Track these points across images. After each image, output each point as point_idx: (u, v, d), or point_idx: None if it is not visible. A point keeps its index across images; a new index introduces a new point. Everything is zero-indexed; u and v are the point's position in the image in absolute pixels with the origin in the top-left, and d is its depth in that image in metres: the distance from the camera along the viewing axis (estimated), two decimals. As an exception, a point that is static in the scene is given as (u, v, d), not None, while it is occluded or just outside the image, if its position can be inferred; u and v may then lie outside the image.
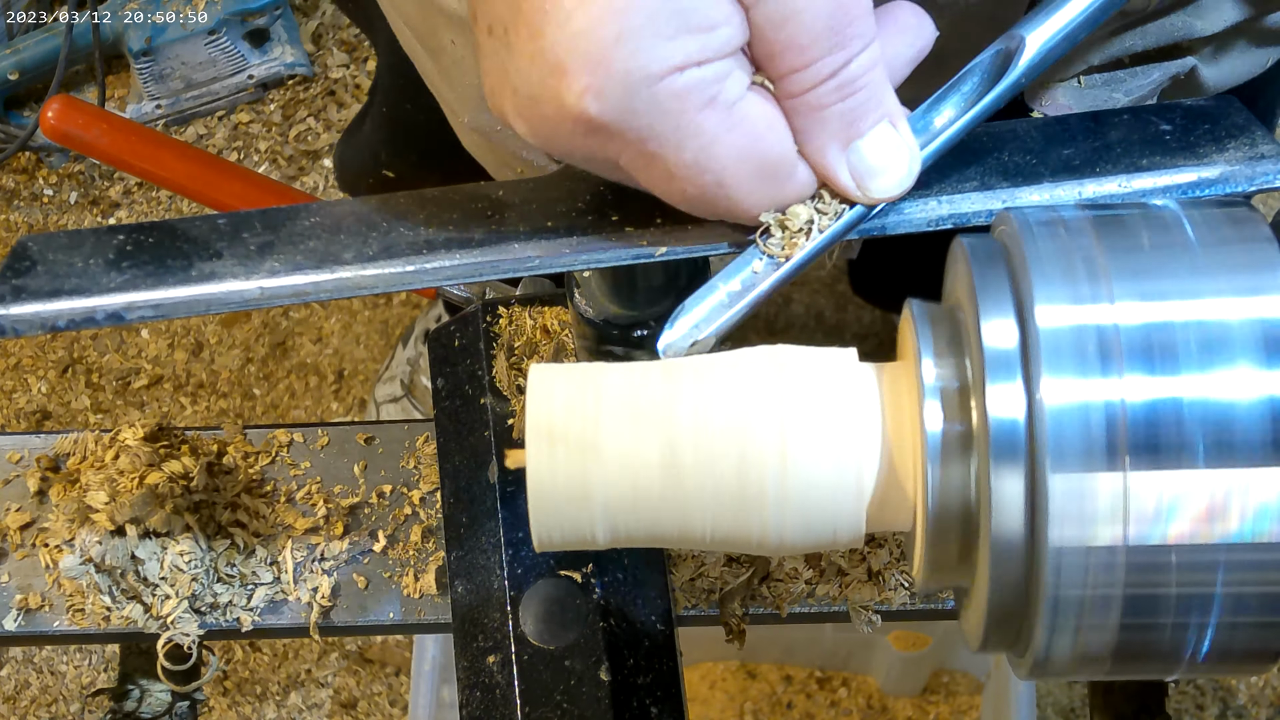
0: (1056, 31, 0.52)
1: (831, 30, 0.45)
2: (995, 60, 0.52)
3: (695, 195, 0.48)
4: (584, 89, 0.43)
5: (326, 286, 0.53)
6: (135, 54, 1.85)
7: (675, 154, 0.46)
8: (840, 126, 0.48)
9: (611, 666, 0.62)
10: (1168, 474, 0.40)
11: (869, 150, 0.49)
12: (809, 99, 0.47)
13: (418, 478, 0.74)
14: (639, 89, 0.44)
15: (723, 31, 0.44)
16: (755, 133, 0.47)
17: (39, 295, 0.53)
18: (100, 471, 0.71)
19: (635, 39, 0.43)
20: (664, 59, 0.43)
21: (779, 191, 0.49)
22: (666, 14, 0.43)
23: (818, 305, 1.76)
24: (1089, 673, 0.43)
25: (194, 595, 0.69)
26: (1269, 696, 1.52)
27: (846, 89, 0.47)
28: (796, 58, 0.46)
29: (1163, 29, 0.68)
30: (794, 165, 0.48)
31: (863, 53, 0.46)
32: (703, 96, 0.45)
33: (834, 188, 0.49)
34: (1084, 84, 0.68)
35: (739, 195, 0.48)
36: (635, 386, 0.47)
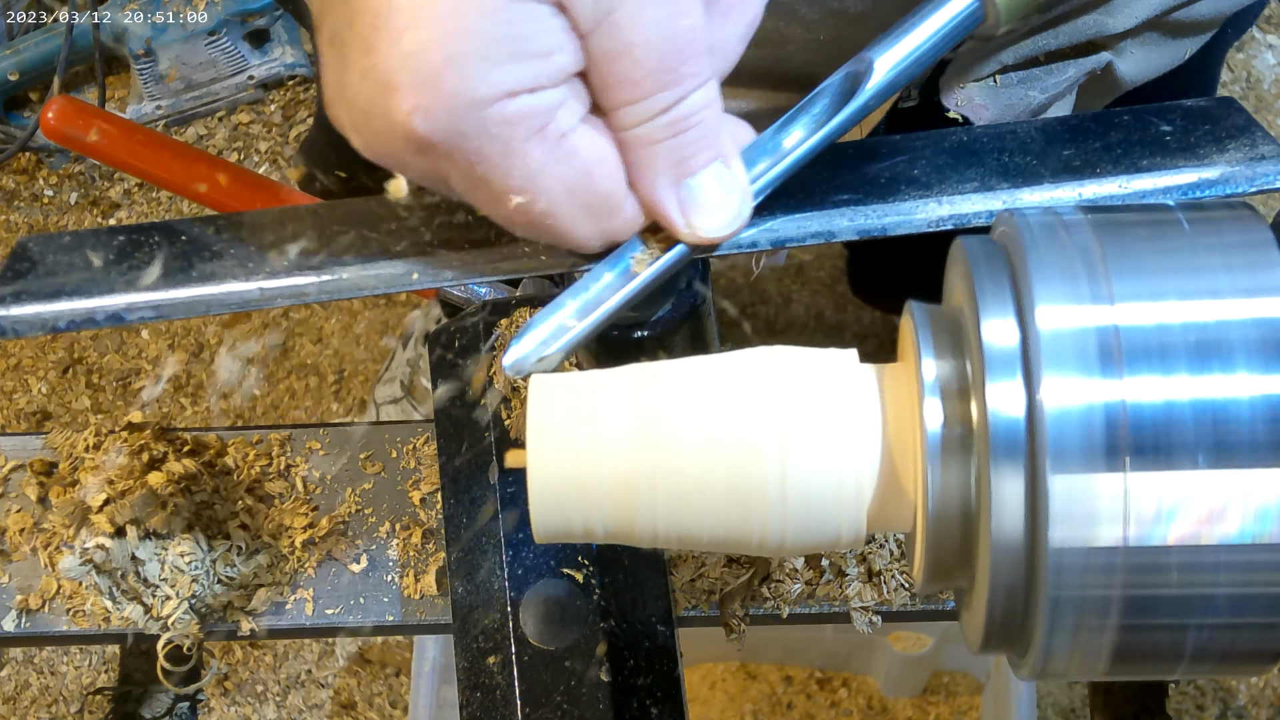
0: (905, 55, 0.52)
1: (664, 67, 0.45)
2: (844, 83, 0.52)
3: (523, 222, 0.47)
4: (413, 108, 0.43)
5: (327, 287, 0.53)
6: (135, 54, 1.86)
7: (502, 180, 0.45)
8: (671, 163, 0.47)
9: (611, 667, 0.62)
10: (1168, 475, 0.40)
11: (700, 189, 0.48)
12: (640, 133, 0.46)
13: (418, 478, 0.74)
14: (467, 112, 0.43)
15: (556, 59, 0.44)
16: (584, 167, 0.46)
17: (39, 296, 0.53)
18: (100, 472, 0.71)
19: (465, 62, 0.42)
20: (494, 84, 0.43)
21: (609, 225, 0.49)
22: (499, 39, 0.42)
23: (818, 305, 1.76)
24: (1089, 673, 0.43)
25: (194, 596, 0.69)
26: (1269, 697, 1.52)
27: (678, 126, 0.46)
28: (629, 91, 0.45)
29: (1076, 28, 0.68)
30: (623, 200, 0.48)
31: (696, 90, 0.46)
32: (532, 125, 0.44)
33: (662, 223, 0.49)
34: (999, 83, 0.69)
35: (566, 226, 0.48)
36: (635, 388, 0.47)
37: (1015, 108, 0.69)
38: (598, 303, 0.50)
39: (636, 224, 0.49)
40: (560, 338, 0.49)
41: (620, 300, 0.50)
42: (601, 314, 0.50)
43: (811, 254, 1.80)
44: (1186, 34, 0.74)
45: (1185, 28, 0.73)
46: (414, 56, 0.42)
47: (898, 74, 0.52)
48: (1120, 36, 0.70)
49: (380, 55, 0.42)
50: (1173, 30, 0.73)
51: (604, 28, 0.43)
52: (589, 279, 0.50)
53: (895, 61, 0.52)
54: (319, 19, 0.46)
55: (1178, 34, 0.73)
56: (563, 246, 0.49)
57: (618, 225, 0.49)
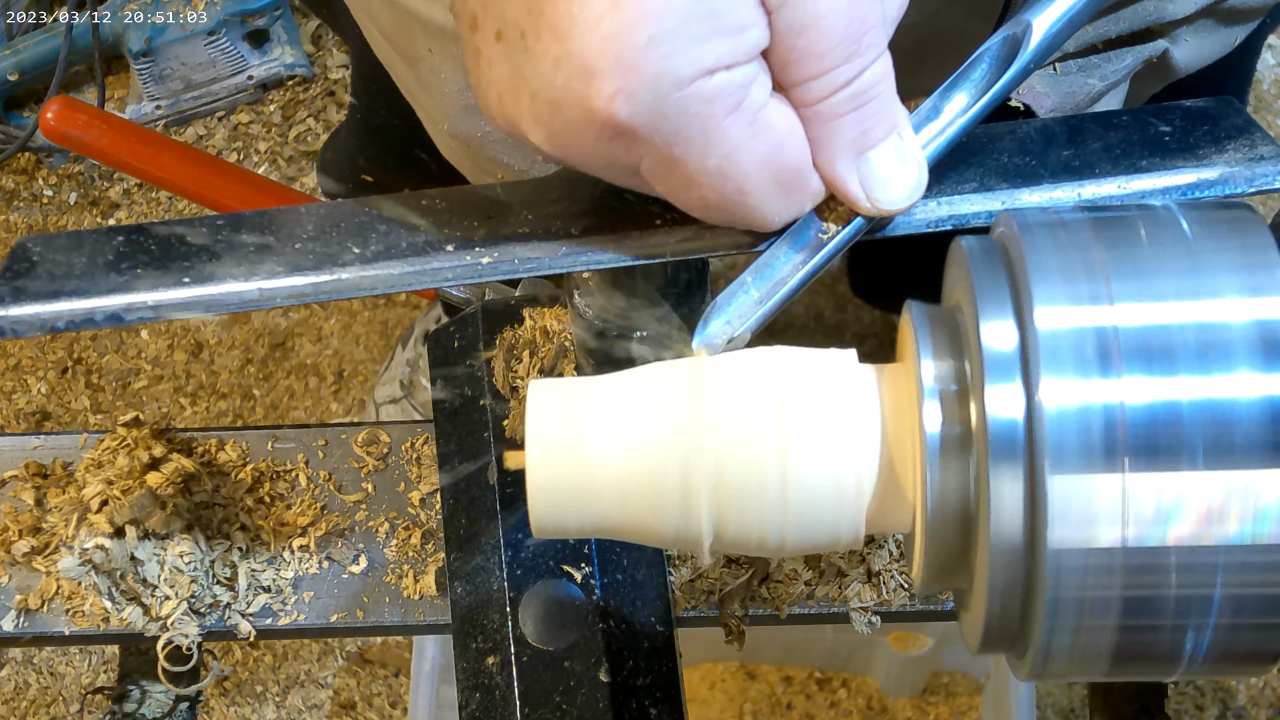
0: (1061, 14, 0.52)
1: (849, 39, 0.45)
2: (1004, 46, 0.52)
3: (714, 202, 0.47)
4: (614, 92, 0.43)
5: (326, 288, 0.53)
6: (135, 54, 1.85)
7: (700, 160, 0.45)
8: (853, 137, 0.48)
9: (611, 668, 0.62)
10: (1167, 475, 0.40)
11: (879, 161, 0.49)
12: (823, 108, 0.47)
13: (417, 479, 0.74)
14: (669, 92, 0.43)
15: (750, 34, 0.44)
16: (777, 140, 0.46)
17: (38, 296, 0.53)
18: (99, 473, 0.71)
19: (668, 41, 0.42)
20: (696, 61, 0.43)
21: (796, 200, 0.49)
22: (699, 16, 0.42)
23: (818, 305, 1.76)
24: (1088, 674, 0.43)
25: (193, 596, 0.69)
26: (1269, 697, 1.52)
27: (860, 99, 0.47)
28: (814, 65, 0.45)
29: (1136, 14, 0.68)
30: (811, 174, 0.48)
31: (876, 62, 0.46)
32: (730, 101, 0.44)
33: (844, 198, 0.49)
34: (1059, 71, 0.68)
35: (757, 203, 0.48)
36: (634, 389, 0.47)
37: (1075, 95, 0.69)
38: (782, 281, 0.50)
39: (819, 198, 0.49)
40: (748, 317, 0.50)
41: (802, 277, 0.50)
42: (785, 291, 0.50)
43: (811, 254, 1.80)
44: (1239, 21, 0.74)
45: (1238, 14, 0.73)
46: (615, 39, 0.42)
47: (1055, 33, 0.52)
48: (1178, 23, 0.70)
49: (577, 41, 0.42)
50: (1226, 17, 0.73)
51: (791, 2, 0.44)
52: (770, 257, 0.50)
53: (1052, 21, 0.52)
54: (476, 17, 0.46)
55: (1231, 20, 0.74)
56: (747, 226, 0.49)
57: (804, 200, 0.49)
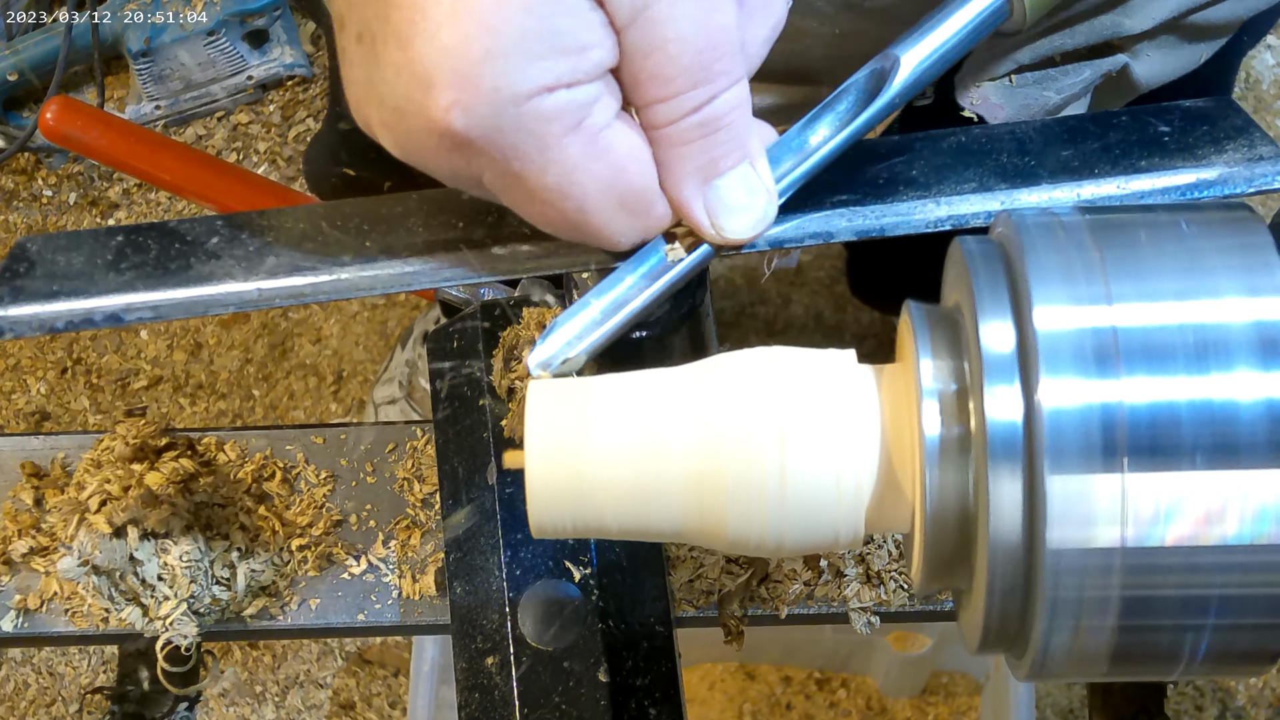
0: (931, 52, 0.52)
1: (699, 65, 0.45)
2: (870, 80, 0.52)
3: (556, 219, 0.47)
4: (450, 104, 0.42)
5: (325, 288, 0.53)
6: (134, 55, 1.86)
7: (538, 177, 0.45)
8: (700, 164, 0.47)
9: (610, 668, 0.62)
10: (1166, 476, 0.40)
11: (727, 190, 0.48)
12: (671, 132, 0.46)
13: (416, 479, 0.74)
14: (505, 107, 0.43)
15: (593, 54, 0.44)
16: (619, 163, 0.46)
17: (38, 296, 0.53)
18: (98, 473, 0.71)
19: (504, 57, 0.42)
20: (533, 79, 0.43)
21: (641, 223, 0.49)
22: (538, 33, 0.42)
23: (817, 306, 1.76)
24: (1088, 674, 0.43)
25: (192, 597, 0.69)
26: (1268, 697, 1.52)
27: (709, 126, 0.46)
28: (661, 88, 0.45)
29: (1093, 28, 0.68)
30: (656, 197, 0.48)
31: (728, 90, 0.46)
32: (569, 120, 0.44)
33: (688, 223, 0.49)
34: (1015, 83, 0.68)
35: (600, 223, 0.48)
36: (634, 389, 0.47)
37: (1030, 108, 0.69)
38: (623, 303, 0.50)
39: (666, 221, 0.49)
40: (586, 338, 0.49)
41: (645, 300, 0.50)
42: (627, 314, 0.50)
43: (811, 254, 1.80)
44: (1203, 38, 0.74)
45: (1202, 31, 0.73)
46: (453, 51, 0.42)
47: (924, 71, 0.52)
48: (1137, 38, 0.70)
49: (417, 50, 0.42)
50: (1190, 34, 0.73)
51: (640, 22, 0.43)
52: (613, 279, 0.50)
53: (921, 58, 0.52)
54: (343, 16, 0.45)
55: (1194, 38, 0.73)
56: (594, 244, 0.49)
57: (650, 223, 0.49)
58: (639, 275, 0.50)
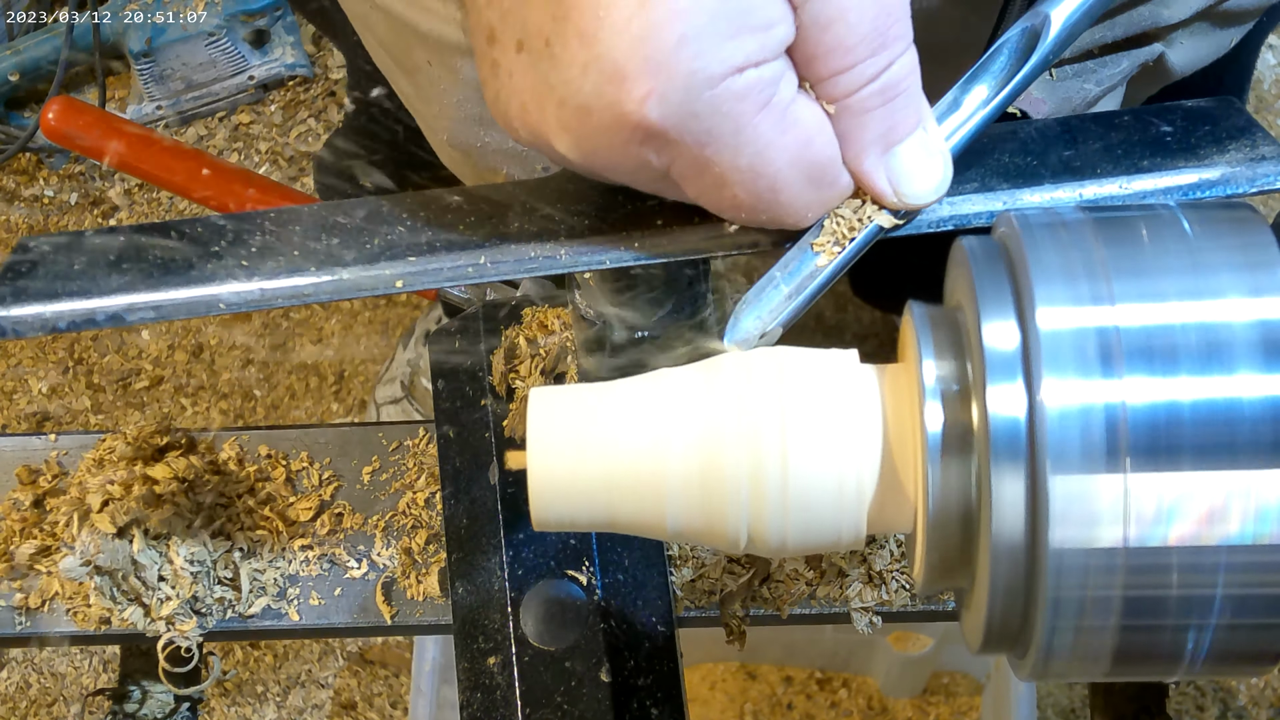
0: (1078, 6, 0.52)
1: (876, 32, 0.45)
2: (1022, 38, 0.52)
3: (746, 201, 0.47)
4: (646, 94, 0.42)
5: (326, 288, 0.53)
6: (135, 55, 1.86)
7: (731, 159, 0.45)
8: (880, 131, 0.47)
9: (612, 668, 0.62)
10: (1168, 475, 0.40)
11: (906, 156, 0.48)
12: (851, 103, 0.46)
13: (418, 479, 0.74)
14: (701, 91, 0.43)
15: (778, 30, 0.44)
16: (807, 136, 0.46)
17: (39, 296, 0.53)
18: (100, 473, 0.71)
19: (697, 40, 0.42)
20: (725, 60, 0.43)
21: (826, 195, 0.48)
22: (726, 13, 0.42)
23: (818, 305, 1.76)
24: (1089, 674, 0.43)
25: (194, 596, 0.69)
26: (1269, 697, 1.52)
27: (888, 93, 0.46)
28: (841, 59, 0.45)
29: (1131, 20, 0.68)
30: (840, 169, 0.48)
31: (903, 56, 0.46)
32: (760, 98, 0.44)
33: (871, 193, 0.49)
34: (1055, 76, 0.68)
35: (789, 200, 0.47)
36: (636, 389, 0.47)
37: (1071, 100, 0.69)
38: (810, 276, 0.50)
39: (849, 192, 0.49)
40: (779, 313, 0.49)
41: (831, 271, 0.50)
42: (814, 286, 0.50)
43: (812, 254, 1.80)
44: (1234, 23, 0.74)
45: (1233, 17, 0.73)
46: (645, 41, 0.42)
47: (1073, 24, 0.52)
48: (1173, 27, 0.70)
49: (605, 44, 0.42)
50: (1222, 19, 0.73)
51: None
52: (797, 253, 0.50)
53: (1070, 12, 0.52)
54: (493, 29, 0.45)
55: (1226, 23, 0.73)
56: (780, 224, 0.49)
57: (834, 195, 0.49)
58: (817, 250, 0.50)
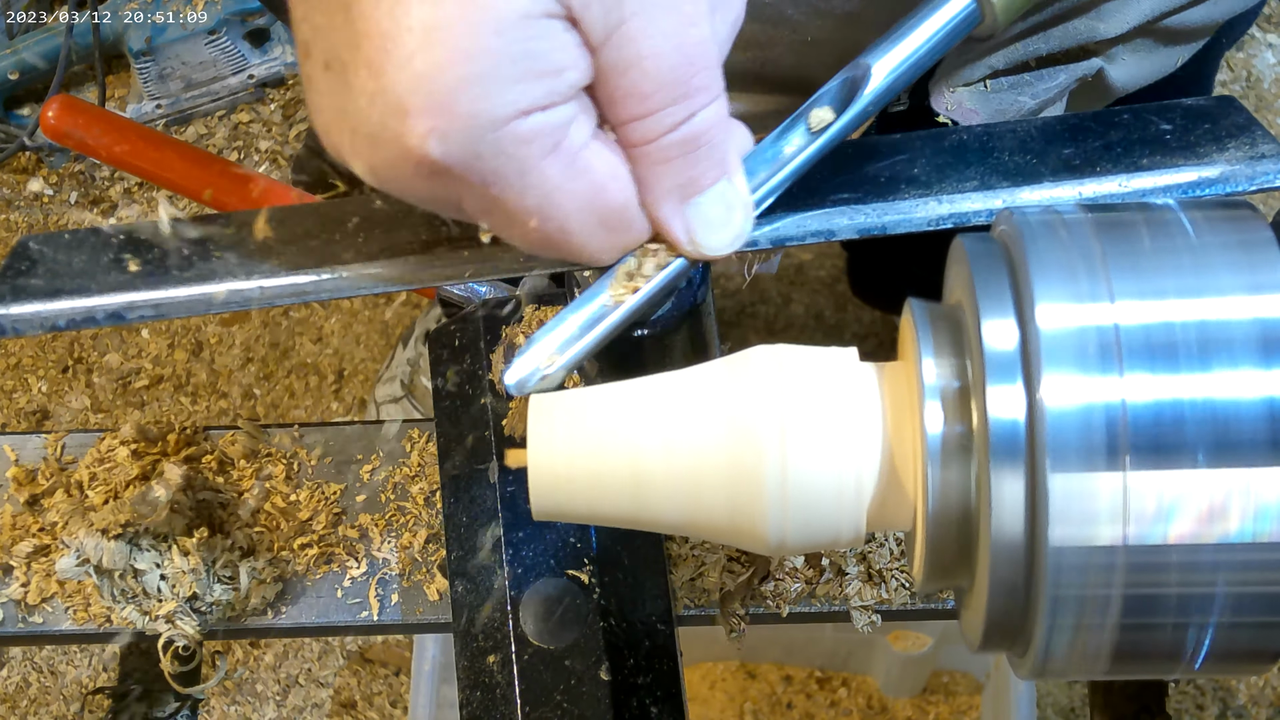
0: (903, 60, 0.52)
1: (677, 81, 0.44)
2: (842, 88, 0.52)
3: (538, 240, 0.47)
4: (427, 131, 0.41)
5: (326, 286, 0.53)
6: (135, 54, 1.86)
7: (518, 200, 0.45)
8: (680, 182, 0.47)
9: (611, 666, 0.62)
10: (1168, 474, 0.40)
11: (706, 207, 0.48)
12: (650, 150, 0.46)
13: (418, 478, 0.74)
14: (483, 133, 0.42)
15: (569, 75, 0.43)
16: (598, 182, 0.46)
17: (39, 295, 0.53)
18: (99, 471, 0.71)
19: (481, 82, 0.41)
20: (510, 103, 0.42)
21: (621, 239, 0.48)
22: (513, 57, 0.41)
23: (818, 305, 1.76)
24: (1089, 672, 0.43)
25: (194, 596, 0.69)
26: (1269, 696, 1.52)
27: (689, 144, 0.46)
28: (639, 105, 0.44)
29: (1066, 33, 0.68)
30: (636, 214, 0.48)
31: (707, 106, 0.45)
32: (547, 142, 0.43)
33: (667, 239, 0.49)
34: (990, 88, 0.68)
35: (580, 242, 0.47)
36: (636, 388, 0.47)
37: (1006, 113, 0.69)
38: (600, 317, 0.49)
39: (645, 236, 0.49)
40: (563, 354, 0.49)
41: (622, 315, 0.50)
42: (604, 329, 0.49)
43: (811, 254, 1.80)
44: (1179, 41, 0.73)
45: (1177, 35, 0.73)
46: (427, 78, 0.41)
47: (896, 78, 0.52)
48: (1112, 42, 0.70)
49: (390, 78, 0.41)
50: (1165, 37, 0.72)
51: (614, 40, 0.43)
52: (590, 294, 0.50)
53: (893, 66, 0.52)
54: (308, 44, 0.44)
55: (1170, 41, 0.73)
56: (576, 263, 0.49)
57: (630, 239, 0.49)
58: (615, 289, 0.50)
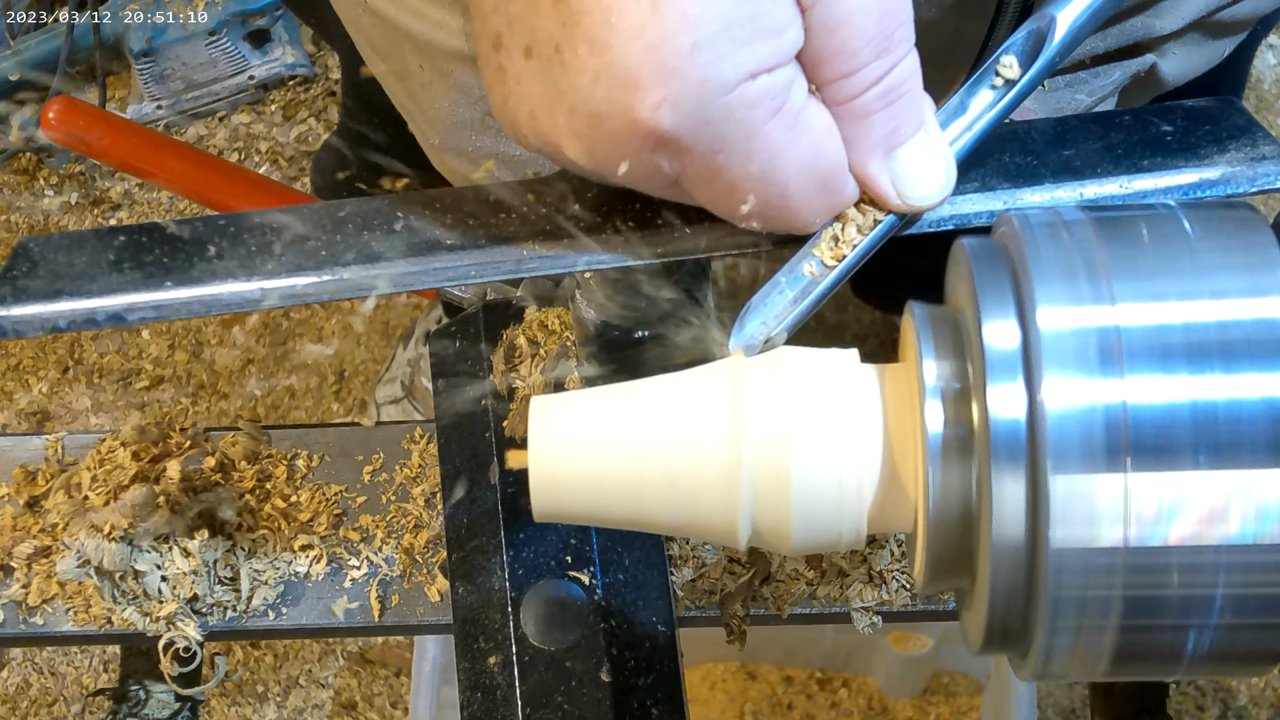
0: (1085, 8, 0.52)
1: (880, 35, 0.45)
2: (1028, 40, 0.52)
3: (757, 208, 0.47)
4: (659, 101, 0.42)
5: (326, 287, 0.53)
6: (136, 54, 1.86)
7: (743, 166, 0.45)
8: (884, 134, 0.47)
9: (612, 668, 0.62)
10: (1169, 475, 0.40)
11: (909, 158, 0.48)
12: (855, 106, 0.46)
13: (419, 479, 0.74)
14: (714, 98, 0.42)
15: (789, 35, 0.43)
16: (817, 142, 0.46)
17: (39, 296, 0.53)
18: (100, 472, 0.71)
19: (710, 47, 0.42)
20: (739, 65, 0.42)
21: (834, 201, 0.48)
22: (739, 19, 0.42)
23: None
24: (1090, 674, 0.43)
25: (195, 597, 0.69)
26: (1270, 697, 1.52)
27: (891, 95, 0.46)
28: (847, 62, 0.45)
29: (1123, 31, 0.68)
30: (848, 175, 0.48)
31: (906, 58, 0.46)
32: (773, 105, 0.44)
33: (875, 195, 0.49)
34: (1047, 87, 0.68)
35: (799, 206, 0.47)
36: (635, 393, 0.47)
37: (1063, 111, 0.69)
38: (814, 281, 0.50)
39: (855, 197, 0.49)
40: (783, 318, 0.49)
41: (836, 276, 0.50)
42: (819, 291, 0.50)
43: (812, 254, 1.80)
44: (1227, 33, 0.74)
45: (1226, 27, 0.73)
46: (658, 48, 0.41)
47: (1079, 27, 0.52)
48: (1166, 38, 0.70)
49: (618, 52, 0.42)
50: (1214, 30, 0.73)
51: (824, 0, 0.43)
52: (800, 256, 0.50)
53: (1076, 14, 0.51)
54: (500, 35, 0.45)
55: (1219, 33, 0.73)
56: (788, 230, 0.49)
57: (842, 200, 0.49)
58: (824, 252, 0.50)
